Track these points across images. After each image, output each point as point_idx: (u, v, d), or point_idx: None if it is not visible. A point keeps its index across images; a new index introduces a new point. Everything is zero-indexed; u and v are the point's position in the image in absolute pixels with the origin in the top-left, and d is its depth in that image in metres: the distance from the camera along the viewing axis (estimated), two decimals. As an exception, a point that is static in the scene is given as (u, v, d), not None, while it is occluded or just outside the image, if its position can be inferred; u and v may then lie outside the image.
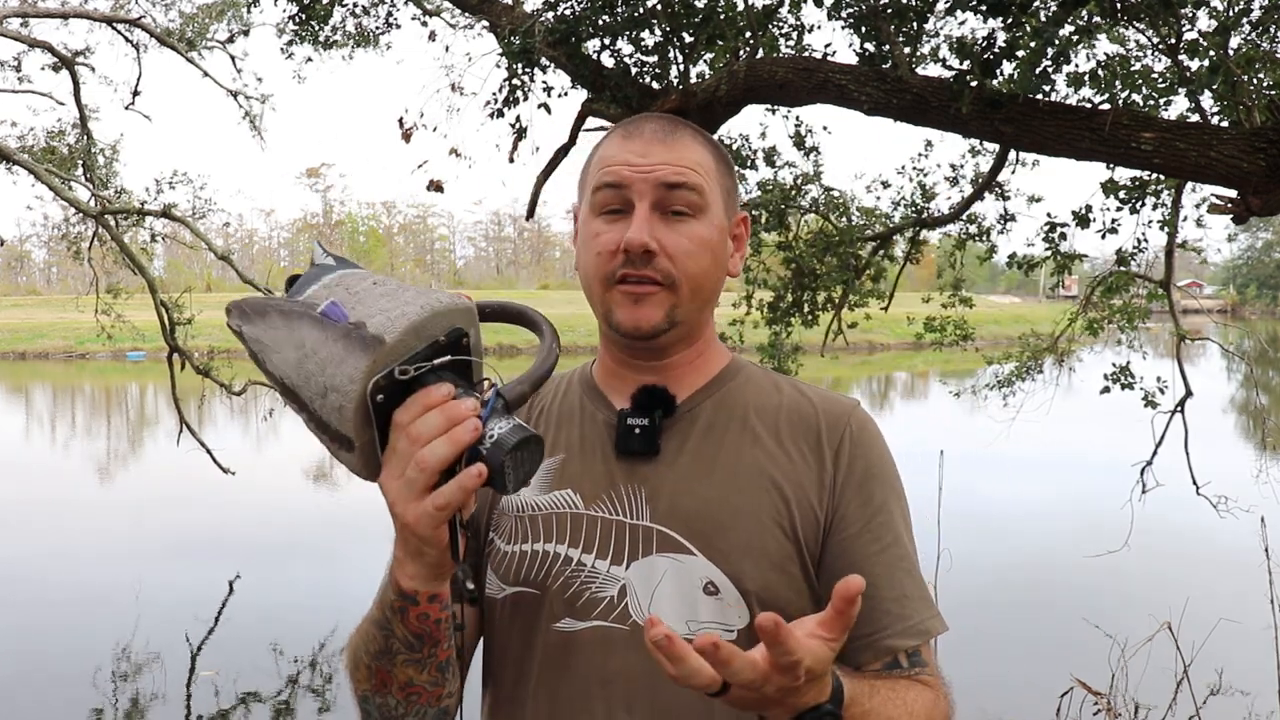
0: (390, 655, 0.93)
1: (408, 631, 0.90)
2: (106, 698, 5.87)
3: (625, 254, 1.02)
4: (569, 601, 1.03)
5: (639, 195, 1.02)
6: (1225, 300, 52.84)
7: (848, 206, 7.04)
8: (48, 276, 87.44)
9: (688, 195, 1.03)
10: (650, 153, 1.03)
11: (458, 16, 6.94)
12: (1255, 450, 12.00)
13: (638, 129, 1.06)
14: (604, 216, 1.05)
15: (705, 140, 1.09)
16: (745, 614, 1.01)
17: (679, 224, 1.03)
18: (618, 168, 1.03)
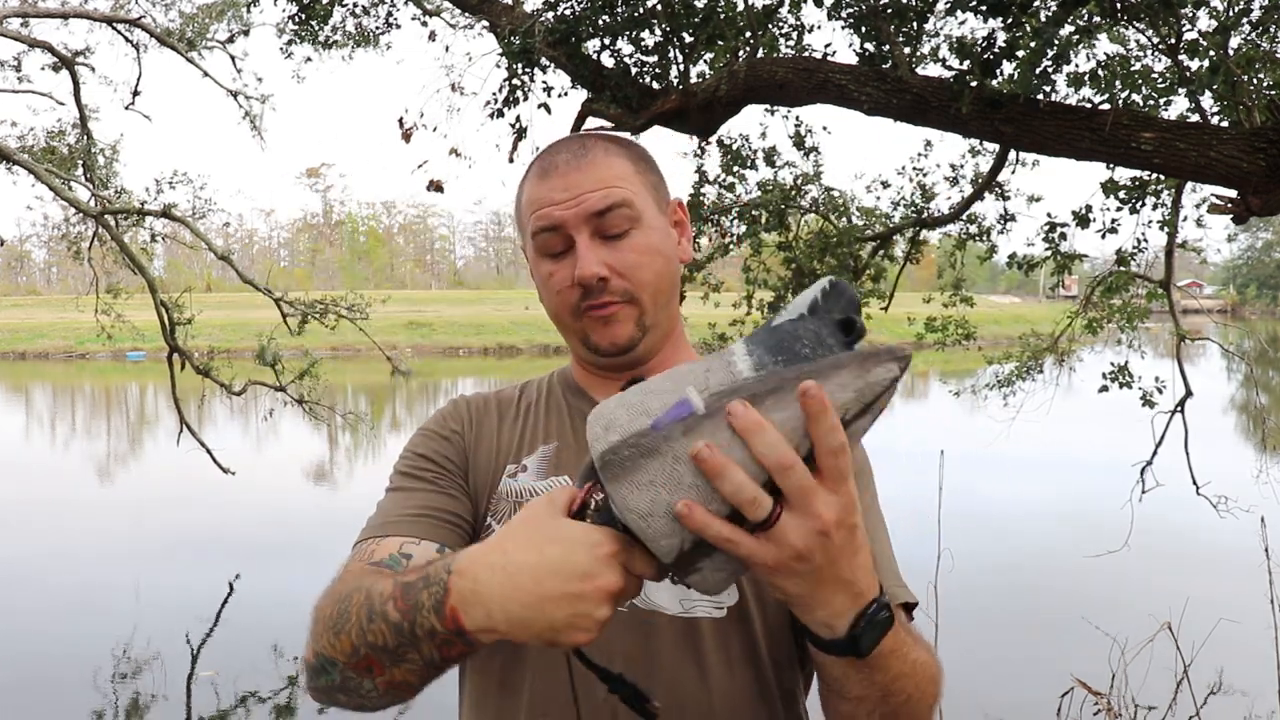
0: (397, 659, 0.84)
1: (436, 656, 0.82)
2: (106, 698, 5.87)
3: (581, 287, 1.05)
4: None
5: (575, 230, 1.05)
6: (1225, 300, 52.85)
7: (848, 206, 7.04)
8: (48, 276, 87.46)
9: (620, 213, 1.05)
10: (570, 184, 1.05)
11: (458, 16, 6.94)
12: (1255, 450, 12.00)
13: (550, 163, 1.08)
14: (550, 258, 1.08)
15: (618, 147, 1.11)
16: (734, 593, 1.03)
17: (621, 242, 1.06)
18: (548, 210, 1.06)
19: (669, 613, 1.02)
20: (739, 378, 0.71)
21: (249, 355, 8.24)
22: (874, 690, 0.84)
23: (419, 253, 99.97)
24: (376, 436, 15.95)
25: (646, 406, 0.72)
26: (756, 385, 0.70)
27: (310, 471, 13.56)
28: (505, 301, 48.45)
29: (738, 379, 0.71)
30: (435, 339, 38.40)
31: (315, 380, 8.09)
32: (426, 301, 49.51)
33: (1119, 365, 6.66)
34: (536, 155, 1.13)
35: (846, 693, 0.86)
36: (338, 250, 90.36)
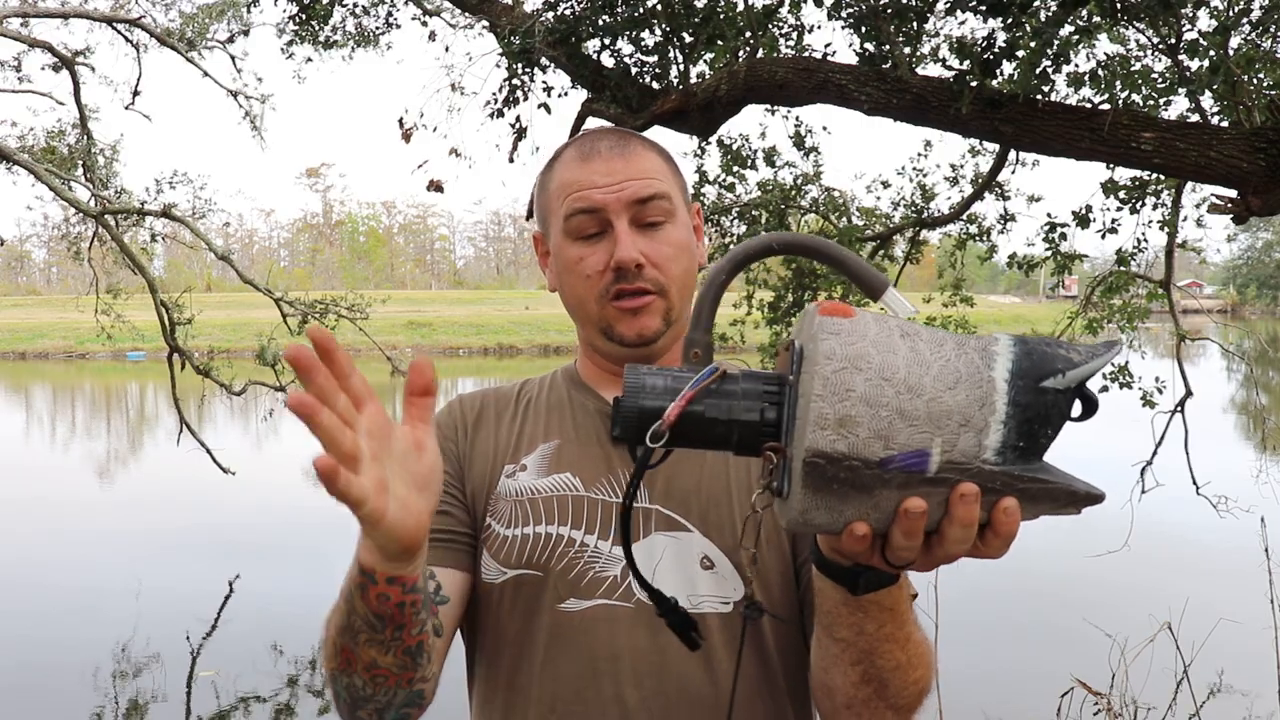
0: (353, 633, 0.88)
1: (368, 610, 0.85)
2: (106, 698, 5.87)
3: (616, 271, 1.05)
4: (573, 582, 1.04)
5: (615, 215, 1.05)
6: (1225, 300, 52.80)
7: (848, 206, 7.04)
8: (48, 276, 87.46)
9: (660, 205, 1.07)
10: (613, 171, 1.06)
11: (458, 16, 6.94)
12: (1255, 450, 12.00)
13: (593, 148, 1.08)
14: (582, 241, 1.07)
15: (654, 146, 1.13)
16: (740, 586, 1.03)
17: (656, 233, 1.07)
18: (587, 192, 1.06)
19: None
20: (983, 454, 0.66)
21: (249, 355, 8.24)
22: (861, 639, 0.86)
23: (419, 253, 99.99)
24: (376, 436, 15.93)
25: (892, 429, 0.65)
26: (985, 477, 0.67)
27: (310, 472, 13.51)
28: (505, 301, 48.49)
29: (981, 455, 0.66)
30: (435, 339, 38.38)
31: (315, 380, 8.07)
32: (426, 301, 49.51)
33: (1120, 365, 6.66)
34: (570, 142, 1.13)
35: (834, 631, 0.87)
36: (338, 250, 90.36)
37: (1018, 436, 0.66)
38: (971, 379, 0.66)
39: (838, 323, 0.67)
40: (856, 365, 0.65)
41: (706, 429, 0.72)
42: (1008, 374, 0.67)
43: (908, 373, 0.65)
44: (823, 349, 0.66)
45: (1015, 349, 0.68)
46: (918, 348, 0.67)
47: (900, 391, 0.65)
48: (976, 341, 0.69)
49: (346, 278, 76.76)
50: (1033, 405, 0.67)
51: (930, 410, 0.65)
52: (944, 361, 0.66)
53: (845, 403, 0.65)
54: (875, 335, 0.67)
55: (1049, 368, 0.67)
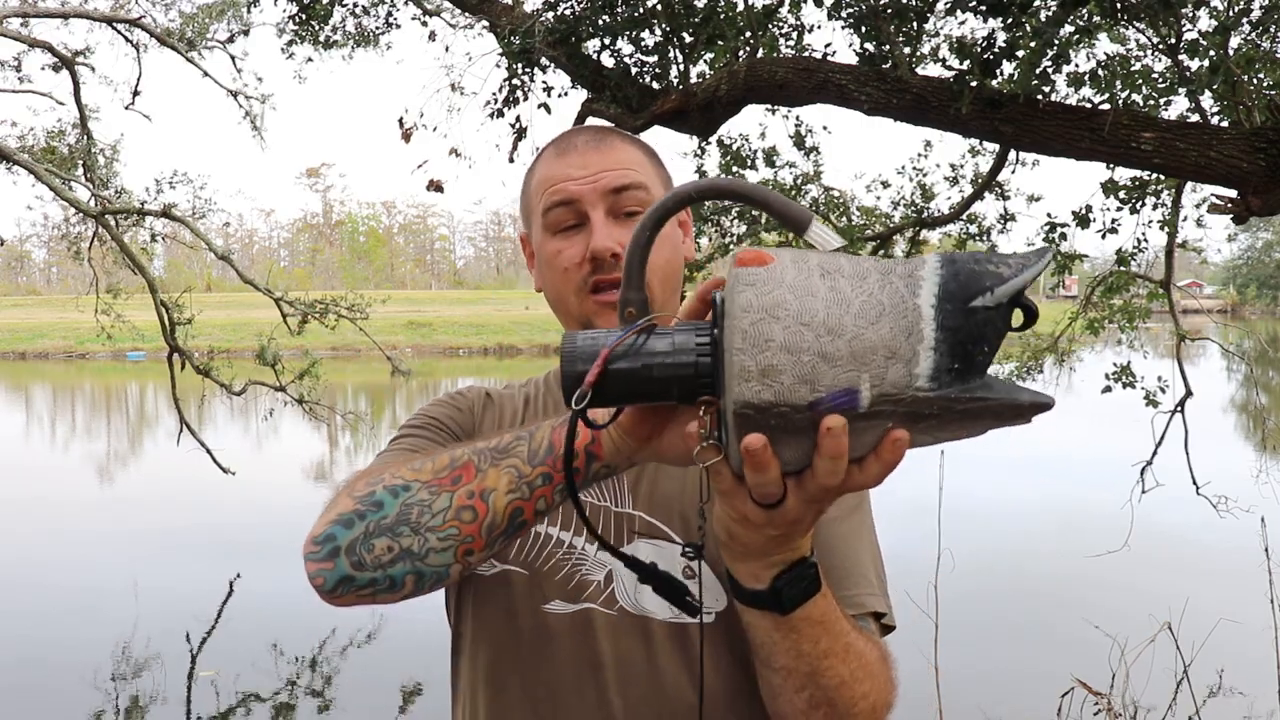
0: (499, 455, 0.83)
1: (548, 447, 0.82)
2: (107, 698, 5.87)
3: (593, 262, 1.04)
4: (560, 584, 1.03)
5: (591, 206, 1.05)
6: (1225, 300, 52.78)
7: (848, 206, 7.04)
8: (48, 276, 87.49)
9: (636, 194, 1.06)
10: (588, 163, 1.06)
11: (458, 16, 6.94)
12: (1255, 450, 12.01)
13: (569, 143, 1.08)
14: (560, 234, 1.07)
15: (634, 140, 1.13)
16: (723, 596, 1.01)
17: (633, 223, 1.04)
18: (563, 185, 1.06)
19: (659, 618, 1.02)
20: (915, 382, 0.65)
21: (249, 355, 8.24)
22: (801, 663, 0.85)
23: (419, 253, 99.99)
24: (376, 436, 15.95)
25: (816, 372, 0.64)
26: (921, 404, 0.66)
27: (310, 471, 13.55)
28: (505, 301, 48.48)
29: (914, 383, 0.65)
30: (435, 339, 38.39)
31: (315, 380, 8.09)
32: (426, 301, 49.54)
33: (1122, 365, 6.66)
34: (551, 140, 1.13)
35: (773, 661, 0.87)
36: (338, 250, 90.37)
37: (951, 359, 0.65)
38: (896, 309, 0.65)
39: (753, 273, 0.66)
40: (774, 314, 0.65)
41: (644, 384, 0.72)
42: (934, 299, 0.66)
43: (827, 314, 0.65)
44: (739, 301, 0.66)
45: (942, 271, 0.66)
46: (838, 285, 0.66)
47: (820, 335, 0.65)
48: (903, 267, 0.67)
49: (346, 278, 76.79)
50: (964, 327, 0.66)
51: (853, 348, 0.65)
52: (866, 296, 0.66)
53: (765, 353, 0.64)
54: (793, 280, 0.66)
55: (977, 286, 0.66)
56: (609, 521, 1.05)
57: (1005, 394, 0.67)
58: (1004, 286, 0.65)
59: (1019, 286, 0.66)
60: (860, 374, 0.65)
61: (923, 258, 0.69)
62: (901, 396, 0.65)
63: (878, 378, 0.65)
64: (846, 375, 0.65)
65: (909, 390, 0.65)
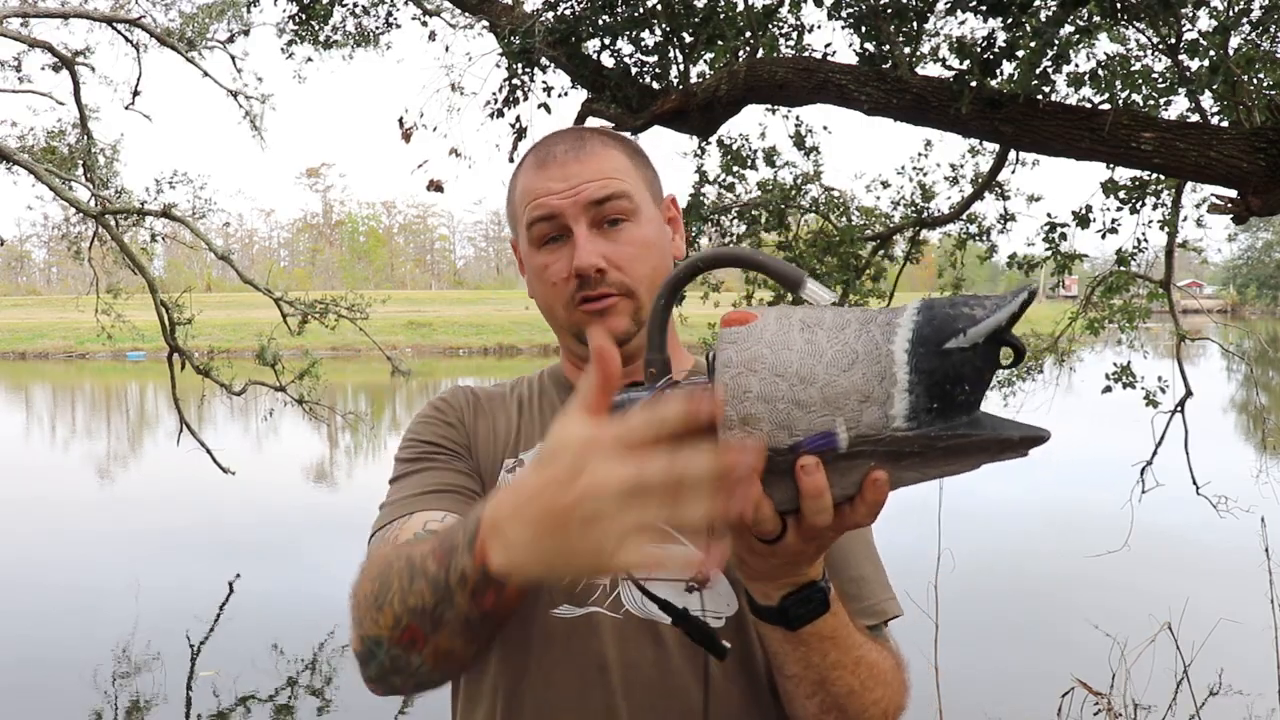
0: (436, 622, 0.80)
1: (474, 610, 0.78)
2: (106, 698, 5.87)
3: (578, 278, 1.04)
4: (567, 588, 1.03)
5: (573, 219, 1.04)
6: (1225, 300, 52.76)
7: (848, 206, 7.05)
8: (48, 276, 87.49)
9: (619, 204, 1.05)
10: (568, 174, 1.05)
11: (458, 16, 6.94)
12: (1255, 450, 12.00)
13: (548, 153, 1.07)
14: (545, 248, 1.07)
15: (615, 141, 1.11)
16: (734, 601, 1.02)
17: (618, 233, 1.06)
18: (544, 200, 1.05)
19: (667, 622, 1.00)
20: (892, 423, 0.68)
21: (249, 355, 8.24)
22: (810, 672, 0.89)
23: (419, 253, 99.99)
24: (376, 436, 15.96)
25: (791, 418, 0.68)
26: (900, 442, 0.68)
27: (310, 471, 13.55)
28: (505, 301, 48.45)
29: (890, 424, 0.68)
30: (435, 339, 38.39)
31: (315, 380, 8.09)
32: (426, 301, 49.54)
33: (1122, 365, 6.66)
34: (531, 147, 1.12)
35: (785, 668, 0.90)
36: (338, 250, 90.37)
37: (929, 400, 0.68)
38: (869, 356, 0.69)
39: (734, 331, 0.71)
40: (751, 368, 0.69)
41: None
42: (907, 344, 0.68)
43: (800, 365, 0.69)
44: (721, 358, 0.71)
45: (918, 317, 0.69)
46: (815, 338, 0.70)
47: (794, 384, 0.69)
48: (884, 316, 0.71)
49: (346, 278, 76.79)
50: (939, 368, 0.68)
51: (825, 395, 0.68)
52: (840, 345, 0.69)
53: (744, 403, 0.69)
54: (772, 336, 0.70)
55: (950, 329, 0.68)
56: None
57: (991, 429, 0.69)
58: (976, 328, 0.68)
59: (993, 327, 0.68)
60: (835, 418, 0.68)
61: (905, 305, 0.72)
62: (879, 436, 0.68)
63: (853, 420, 0.68)
64: (822, 419, 0.69)
65: (886, 430, 0.68)
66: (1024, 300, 0.68)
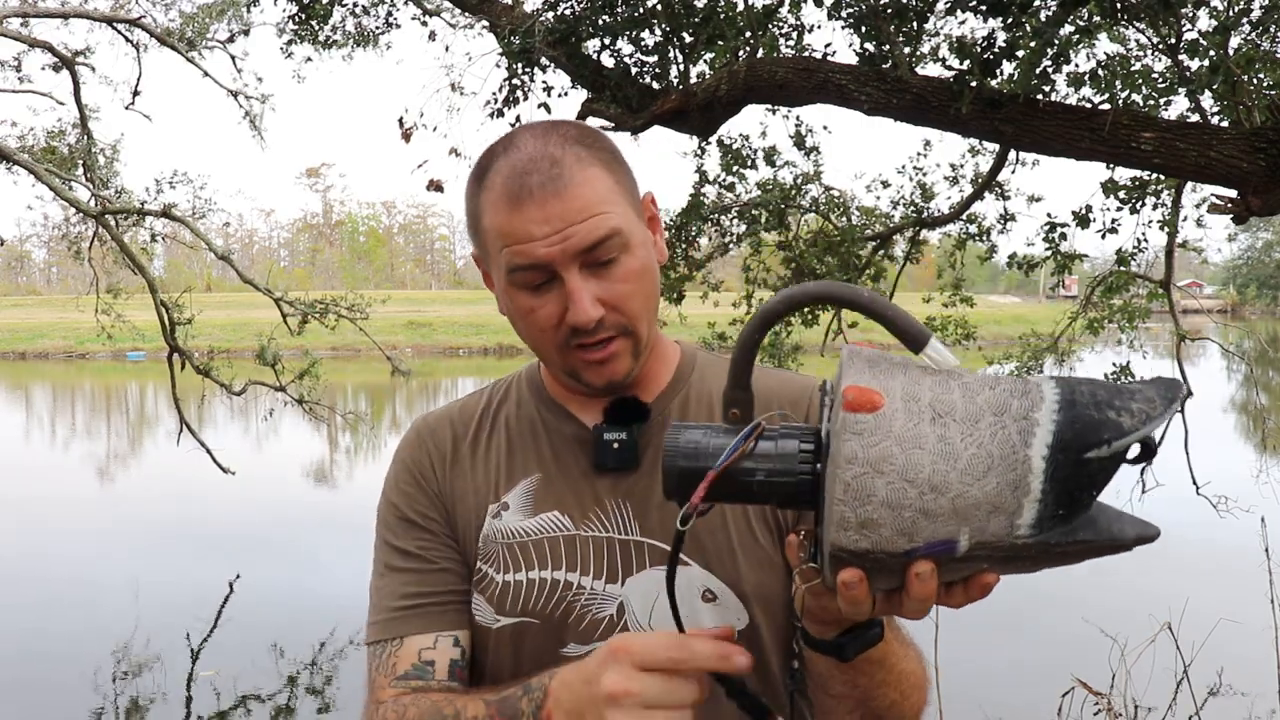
0: None
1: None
2: (106, 698, 5.87)
3: (573, 329, 0.97)
4: (572, 626, 1.02)
5: (563, 267, 0.94)
6: (1225, 300, 52.74)
7: (848, 206, 7.05)
8: (48, 276, 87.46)
9: (609, 245, 0.95)
10: (550, 215, 0.93)
11: (458, 16, 6.94)
12: (1255, 450, 12.00)
13: (520, 186, 0.94)
14: (530, 291, 0.97)
15: (590, 155, 0.97)
16: (745, 616, 1.01)
17: (611, 270, 0.97)
18: (527, 248, 0.94)
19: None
20: (1016, 532, 0.65)
21: (249, 355, 8.24)
22: (855, 691, 0.89)
23: (419, 253, 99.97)
24: (376, 436, 15.96)
25: (915, 527, 0.65)
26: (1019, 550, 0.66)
27: (310, 471, 13.55)
28: (505, 301, 48.28)
29: (1014, 533, 0.65)
30: (435, 339, 38.38)
31: (315, 380, 8.09)
32: (426, 301, 49.53)
33: (1122, 365, 6.67)
34: (493, 169, 0.97)
35: (829, 689, 0.90)
36: (338, 250, 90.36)
37: (1056, 507, 0.65)
38: (1005, 461, 0.64)
39: (861, 420, 0.65)
40: (878, 469, 0.64)
41: (743, 491, 0.73)
42: (1046, 449, 0.64)
43: (932, 470, 0.64)
44: (844, 451, 0.65)
45: (1058, 417, 0.65)
46: (948, 436, 0.65)
47: (924, 491, 0.64)
48: (1019, 404, 0.65)
49: (346, 278, 76.76)
50: (1074, 476, 0.65)
51: (956, 505, 0.64)
52: (976, 447, 0.64)
53: (866, 507, 0.65)
54: (901, 429, 0.65)
55: (1094, 437, 0.64)
56: (614, 552, 1.02)
57: (1108, 533, 0.67)
58: (1123, 440, 0.64)
59: (1138, 440, 0.64)
60: (961, 527, 0.65)
61: (1042, 390, 0.66)
62: (999, 544, 0.66)
63: (978, 530, 0.65)
64: (946, 530, 0.65)
65: (1007, 539, 0.65)
66: (1176, 408, 0.65)
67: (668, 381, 1.10)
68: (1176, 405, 0.65)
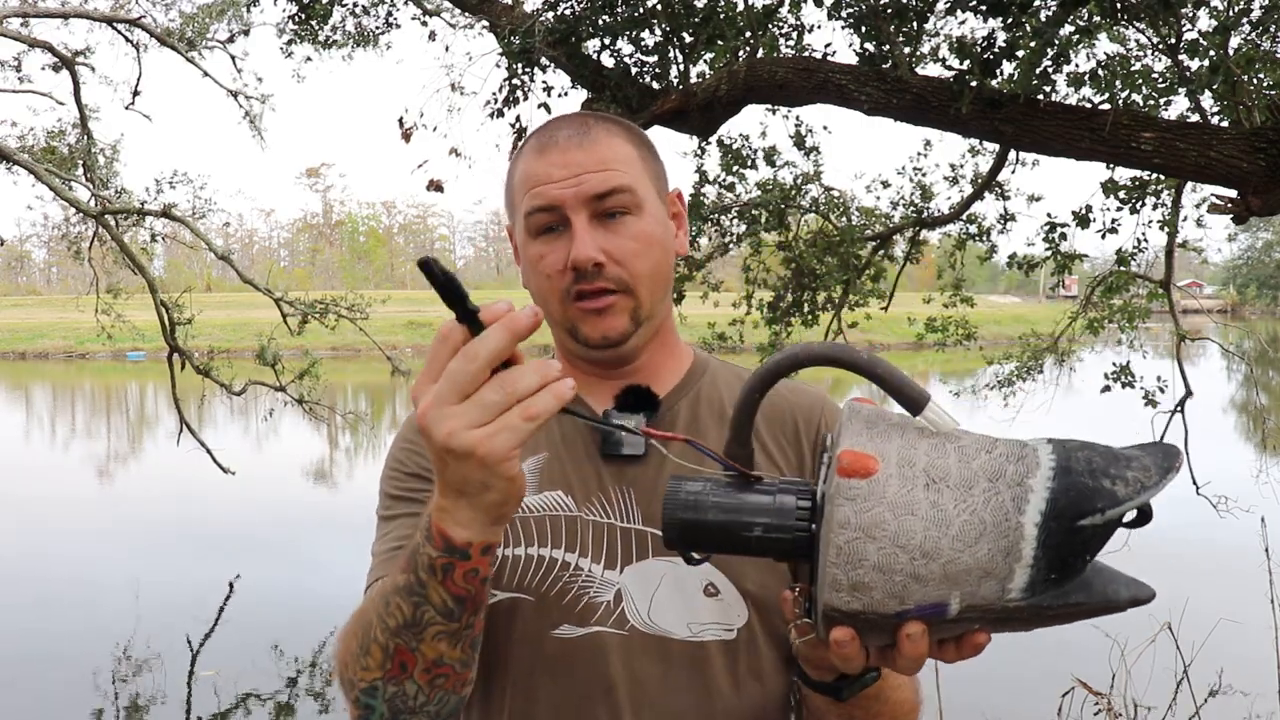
0: (419, 627, 0.82)
1: (448, 595, 0.80)
2: (106, 698, 5.88)
3: (574, 270, 1.00)
4: (567, 608, 1.01)
5: (572, 210, 1.00)
6: (1225, 300, 52.72)
7: (848, 206, 7.04)
8: (48, 276, 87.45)
9: (621, 198, 1.01)
10: (570, 162, 1.00)
11: (458, 16, 6.94)
12: (1255, 450, 12.00)
13: (551, 138, 1.03)
14: (542, 237, 1.03)
15: (622, 130, 1.06)
16: (745, 613, 1.00)
17: (619, 225, 1.01)
18: (544, 188, 1.01)
19: (677, 637, 0.99)
20: (1007, 595, 0.66)
21: (249, 355, 8.24)
22: None
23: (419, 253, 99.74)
24: (376, 436, 15.96)
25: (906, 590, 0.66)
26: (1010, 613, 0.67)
27: (310, 471, 13.55)
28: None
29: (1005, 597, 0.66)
30: (435, 339, 38.30)
31: (315, 380, 8.08)
32: (426, 301, 49.43)
33: (1121, 365, 6.66)
34: (533, 131, 1.07)
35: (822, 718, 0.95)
36: (338, 250, 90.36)
37: (1048, 571, 0.66)
38: (997, 528, 0.65)
39: (854, 486, 0.66)
40: (870, 534, 0.65)
41: (740, 543, 0.75)
42: (1039, 516, 0.65)
43: (924, 537, 0.65)
44: (837, 516, 0.66)
45: (1053, 484, 0.65)
46: (940, 502, 0.65)
47: (915, 557, 0.65)
48: (1014, 469, 0.66)
49: (346, 278, 76.74)
50: (1066, 543, 0.65)
51: (947, 571, 0.65)
52: (968, 514, 0.65)
53: (858, 570, 0.66)
54: (894, 495, 0.66)
55: (1088, 506, 0.64)
56: (615, 539, 1.02)
57: (1101, 595, 0.68)
58: (1116, 509, 0.65)
59: (1132, 508, 0.65)
60: (952, 591, 0.66)
61: (1038, 455, 0.66)
62: (990, 607, 0.67)
63: (969, 595, 0.66)
64: (937, 593, 0.66)
65: (999, 602, 0.66)
66: (1171, 478, 0.65)
67: (680, 379, 1.11)
68: (1173, 475, 0.65)
